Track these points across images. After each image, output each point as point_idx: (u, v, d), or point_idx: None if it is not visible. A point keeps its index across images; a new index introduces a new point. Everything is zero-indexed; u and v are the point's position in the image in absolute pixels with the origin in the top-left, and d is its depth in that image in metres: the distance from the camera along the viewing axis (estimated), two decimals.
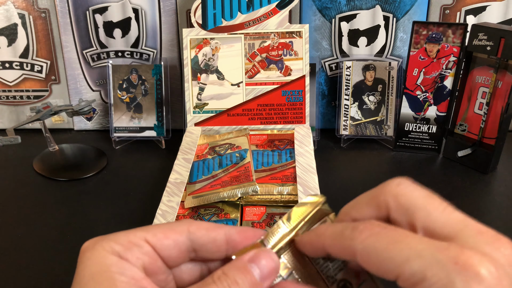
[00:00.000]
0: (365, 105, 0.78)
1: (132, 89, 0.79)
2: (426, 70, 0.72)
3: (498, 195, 0.66)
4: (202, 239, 0.26)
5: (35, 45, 0.81)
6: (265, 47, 0.74)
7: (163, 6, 0.79)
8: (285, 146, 0.69)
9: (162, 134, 0.79)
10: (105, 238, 0.25)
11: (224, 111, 0.75)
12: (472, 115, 0.72)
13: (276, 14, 0.72)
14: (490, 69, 0.69)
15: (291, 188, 0.58)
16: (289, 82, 0.74)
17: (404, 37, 0.79)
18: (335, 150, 0.78)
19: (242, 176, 0.59)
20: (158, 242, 0.25)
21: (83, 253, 0.25)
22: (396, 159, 0.75)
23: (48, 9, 0.79)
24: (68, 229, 0.59)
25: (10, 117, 0.86)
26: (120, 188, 0.68)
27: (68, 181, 0.70)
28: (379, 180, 0.25)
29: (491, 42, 0.66)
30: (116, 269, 0.24)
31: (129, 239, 0.25)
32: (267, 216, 0.55)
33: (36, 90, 0.84)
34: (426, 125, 0.75)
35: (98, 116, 0.86)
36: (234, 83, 0.75)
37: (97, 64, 0.82)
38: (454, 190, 0.66)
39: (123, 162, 0.75)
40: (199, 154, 0.67)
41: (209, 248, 0.27)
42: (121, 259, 0.24)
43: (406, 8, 0.77)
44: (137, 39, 0.81)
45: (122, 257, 0.24)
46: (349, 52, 0.80)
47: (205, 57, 0.74)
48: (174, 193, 0.58)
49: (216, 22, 0.73)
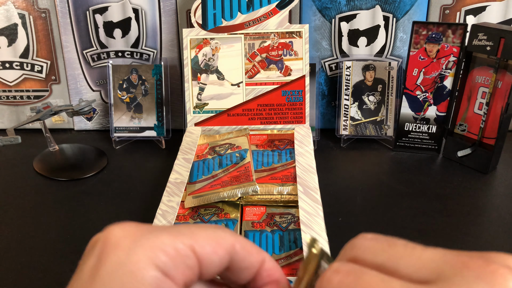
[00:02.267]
0: (365, 105, 0.78)
1: (132, 89, 0.79)
2: (426, 70, 0.72)
3: (498, 195, 0.66)
4: (243, 263, 0.23)
5: (35, 45, 0.81)
6: (265, 47, 0.74)
7: (163, 6, 0.79)
8: (285, 146, 0.69)
9: (162, 134, 0.79)
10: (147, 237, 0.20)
11: (224, 111, 0.75)
12: (472, 115, 0.72)
13: (276, 14, 0.72)
14: (490, 69, 0.69)
15: (291, 188, 0.58)
16: (289, 82, 0.74)
17: (404, 37, 0.79)
18: (335, 150, 0.78)
19: (242, 176, 0.59)
20: (205, 257, 0.21)
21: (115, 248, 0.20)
22: (396, 159, 0.75)
23: (48, 9, 0.79)
24: (68, 229, 0.59)
25: (10, 117, 0.86)
26: (120, 188, 0.68)
27: (68, 181, 0.70)
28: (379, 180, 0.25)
29: (491, 42, 0.66)
30: None
31: (176, 246, 0.21)
32: (267, 216, 0.55)
33: (36, 90, 0.84)
34: (426, 125, 0.75)
35: (98, 116, 0.86)
36: (234, 83, 0.75)
37: (97, 64, 0.82)
38: (454, 190, 0.66)
39: (123, 162, 0.75)
40: (199, 154, 0.67)
41: (243, 272, 0.23)
42: (165, 277, 0.20)
43: (406, 8, 0.77)
44: (137, 39, 0.81)
45: (167, 274, 0.20)
46: (349, 52, 0.80)
47: (205, 57, 0.74)
48: (174, 193, 0.58)
49: (216, 22, 0.73)
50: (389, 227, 0.59)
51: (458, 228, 0.59)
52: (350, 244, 0.21)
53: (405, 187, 0.67)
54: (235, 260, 0.23)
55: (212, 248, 0.22)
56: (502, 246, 0.55)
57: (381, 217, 0.61)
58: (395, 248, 0.19)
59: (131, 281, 0.19)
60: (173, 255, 0.20)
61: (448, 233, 0.58)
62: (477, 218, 0.61)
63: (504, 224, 0.59)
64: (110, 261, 0.19)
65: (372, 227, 0.59)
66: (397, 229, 0.59)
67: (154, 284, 0.19)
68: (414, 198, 0.64)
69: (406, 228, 0.59)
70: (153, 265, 0.20)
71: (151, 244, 0.20)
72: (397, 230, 0.58)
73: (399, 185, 0.68)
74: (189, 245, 0.21)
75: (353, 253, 0.20)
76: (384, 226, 0.59)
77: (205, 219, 0.55)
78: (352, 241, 0.21)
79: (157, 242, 0.20)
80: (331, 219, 0.59)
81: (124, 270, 0.19)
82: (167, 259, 0.20)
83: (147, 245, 0.20)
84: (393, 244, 0.19)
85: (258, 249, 0.24)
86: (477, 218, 0.61)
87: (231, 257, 0.22)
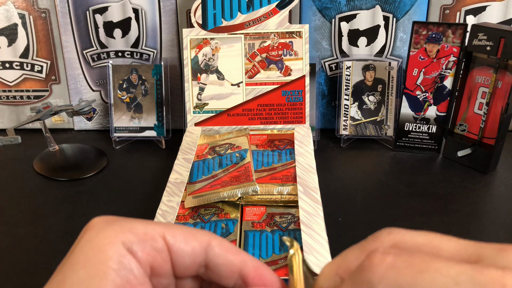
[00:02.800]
0: (365, 105, 0.78)
1: (132, 89, 0.79)
2: (426, 70, 0.72)
3: (498, 195, 0.66)
4: (219, 259, 0.23)
5: (35, 45, 0.81)
6: (265, 47, 0.74)
7: (163, 6, 0.79)
8: (285, 146, 0.69)
9: (162, 134, 0.79)
10: (120, 221, 0.22)
11: (224, 111, 0.75)
12: (472, 115, 0.72)
13: (276, 14, 0.72)
14: (490, 69, 0.69)
15: (291, 188, 0.58)
16: (289, 82, 0.74)
17: (404, 37, 0.79)
18: (335, 150, 0.78)
19: (242, 176, 0.59)
20: (175, 244, 0.23)
21: (88, 230, 0.22)
22: (396, 159, 0.75)
23: (48, 9, 0.79)
24: (68, 229, 0.59)
25: (10, 117, 0.86)
26: (120, 188, 0.68)
27: (68, 181, 0.70)
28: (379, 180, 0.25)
29: (491, 42, 0.66)
30: (115, 265, 0.21)
31: (146, 230, 0.22)
32: (267, 216, 0.55)
33: (36, 90, 0.84)
34: (426, 125, 0.75)
35: (98, 116, 0.86)
36: (234, 83, 0.75)
37: (97, 64, 0.82)
38: (454, 190, 0.66)
39: (123, 162, 0.75)
40: (199, 154, 0.67)
41: (222, 270, 0.24)
42: (128, 252, 0.22)
43: (406, 8, 0.77)
44: (137, 39, 0.81)
45: (131, 250, 0.22)
46: (349, 52, 0.80)
47: (205, 57, 0.74)
48: (174, 193, 0.58)
49: (216, 22, 0.73)
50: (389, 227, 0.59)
51: (458, 228, 0.59)
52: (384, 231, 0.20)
53: (405, 187, 0.67)
54: (212, 256, 0.23)
55: (184, 238, 0.23)
56: None
57: (381, 217, 0.61)
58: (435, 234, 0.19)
59: (95, 255, 0.21)
60: (140, 235, 0.22)
61: (448, 233, 0.57)
62: (477, 218, 0.61)
63: (504, 224, 0.59)
64: (83, 240, 0.22)
65: (372, 227, 0.59)
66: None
67: (115, 258, 0.21)
68: (414, 198, 0.64)
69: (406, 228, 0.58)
70: (120, 242, 0.21)
71: (121, 226, 0.22)
72: None
73: (399, 185, 0.68)
74: (159, 231, 0.23)
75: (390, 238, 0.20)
76: (384, 226, 0.59)
77: (205, 219, 0.55)
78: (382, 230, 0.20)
79: (128, 225, 0.22)
80: (331, 219, 0.59)
81: (92, 245, 0.21)
82: (134, 238, 0.22)
83: (117, 226, 0.22)
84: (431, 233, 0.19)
85: (237, 249, 0.24)
86: (477, 218, 0.61)
87: (207, 252, 0.23)
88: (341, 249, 0.21)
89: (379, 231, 0.20)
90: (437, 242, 0.19)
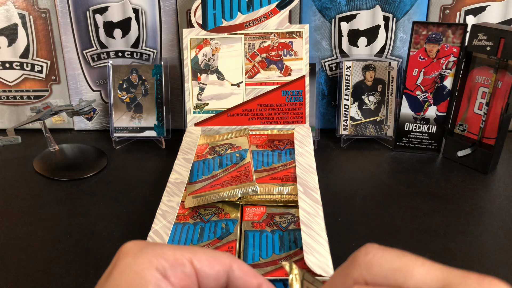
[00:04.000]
0: (365, 105, 0.78)
1: (132, 89, 0.79)
2: (426, 70, 0.72)
3: (498, 195, 0.66)
4: (239, 281, 0.26)
5: (35, 45, 0.81)
6: (265, 47, 0.74)
7: (163, 6, 0.79)
8: (285, 146, 0.69)
9: (162, 134, 0.79)
10: (151, 247, 0.24)
11: (224, 111, 0.75)
12: (472, 115, 0.72)
13: (276, 14, 0.73)
14: (490, 69, 0.69)
15: (291, 188, 0.58)
16: (289, 82, 0.74)
17: (404, 37, 0.79)
18: (335, 150, 0.78)
19: (242, 176, 0.59)
20: (202, 268, 0.25)
21: (125, 255, 0.24)
22: (396, 159, 0.75)
23: (48, 9, 0.79)
24: (68, 229, 0.59)
25: (10, 117, 0.86)
26: (120, 188, 0.68)
27: (68, 181, 0.70)
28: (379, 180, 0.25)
29: (490, 42, 0.66)
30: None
31: (175, 256, 0.24)
32: (267, 216, 0.55)
33: (36, 90, 0.84)
34: (426, 125, 0.75)
35: (98, 116, 0.86)
36: (234, 83, 0.75)
37: (97, 64, 0.82)
38: (454, 190, 0.66)
39: (123, 162, 0.75)
40: (199, 154, 0.67)
41: None
42: (163, 277, 0.23)
43: (406, 8, 0.77)
44: (137, 39, 0.81)
45: (165, 275, 0.23)
46: (349, 52, 0.80)
47: (205, 57, 0.74)
48: (174, 193, 0.58)
49: (216, 22, 0.73)
50: (389, 227, 0.59)
51: (458, 228, 0.59)
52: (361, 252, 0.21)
53: (405, 187, 0.67)
54: (233, 279, 0.26)
55: (209, 263, 0.25)
56: (502, 246, 0.55)
57: (381, 217, 0.61)
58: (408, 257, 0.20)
59: (136, 279, 0.23)
60: (172, 261, 0.24)
61: (448, 233, 0.58)
62: (477, 218, 0.61)
63: (504, 224, 0.59)
64: (120, 265, 0.24)
65: (372, 227, 0.59)
66: (397, 229, 0.59)
67: (154, 282, 0.23)
68: (414, 198, 0.64)
69: (406, 228, 0.59)
70: (154, 267, 0.23)
71: (154, 252, 0.24)
72: (397, 230, 0.58)
73: (399, 185, 0.68)
74: (188, 257, 0.25)
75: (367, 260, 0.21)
76: (384, 226, 0.59)
77: (205, 219, 0.55)
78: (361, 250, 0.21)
79: (159, 251, 0.24)
80: (331, 219, 0.59)
81: (131, 270, 0.23)
82: (166, 264, 0.24)
83: (150, 253, 0.24)
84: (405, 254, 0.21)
85: (255, 272, 0.26)
86: (477, 218, 0.61)
87: (228, 275, 0.26)
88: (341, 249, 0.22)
89: (358, 251, 0.21)
90: (411, 267, 0.20)
